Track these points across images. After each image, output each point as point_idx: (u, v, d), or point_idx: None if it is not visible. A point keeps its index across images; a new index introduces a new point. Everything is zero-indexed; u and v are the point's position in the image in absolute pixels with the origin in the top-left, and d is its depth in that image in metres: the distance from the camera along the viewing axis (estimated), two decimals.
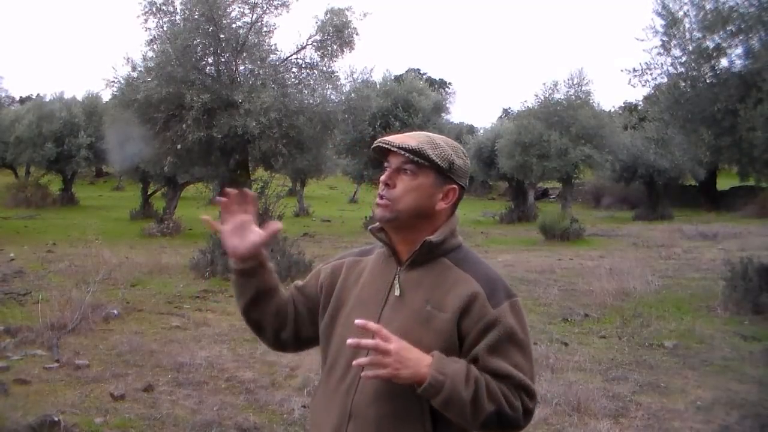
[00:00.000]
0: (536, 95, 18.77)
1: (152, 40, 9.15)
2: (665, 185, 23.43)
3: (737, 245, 12.99)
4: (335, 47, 9.62)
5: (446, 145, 1.47)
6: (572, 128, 17.00)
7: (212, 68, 9.53)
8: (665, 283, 9.09)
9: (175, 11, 9.14)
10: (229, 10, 9.20)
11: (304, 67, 9.85)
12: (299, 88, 9.75)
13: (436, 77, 46.44)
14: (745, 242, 13.56)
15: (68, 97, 23.76)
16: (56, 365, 4.87)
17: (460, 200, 1.51)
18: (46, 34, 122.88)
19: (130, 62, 9.20)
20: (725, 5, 6.65)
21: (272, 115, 8.60)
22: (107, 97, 18.11)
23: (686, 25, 7.05)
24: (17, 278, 8.65)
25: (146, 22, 9.05)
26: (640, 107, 28.67)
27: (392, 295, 1.46)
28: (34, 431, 3.51)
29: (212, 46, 9.26)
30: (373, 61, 58.47)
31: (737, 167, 7.81)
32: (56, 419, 3.62)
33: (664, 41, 7.23)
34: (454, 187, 1.49)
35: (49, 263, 10.12)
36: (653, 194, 23.62)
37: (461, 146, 1.53)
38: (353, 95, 10.71)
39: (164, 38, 9.02)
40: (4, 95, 27.91)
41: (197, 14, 8.92)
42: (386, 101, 16.63)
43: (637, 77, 7.60)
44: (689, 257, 12.22)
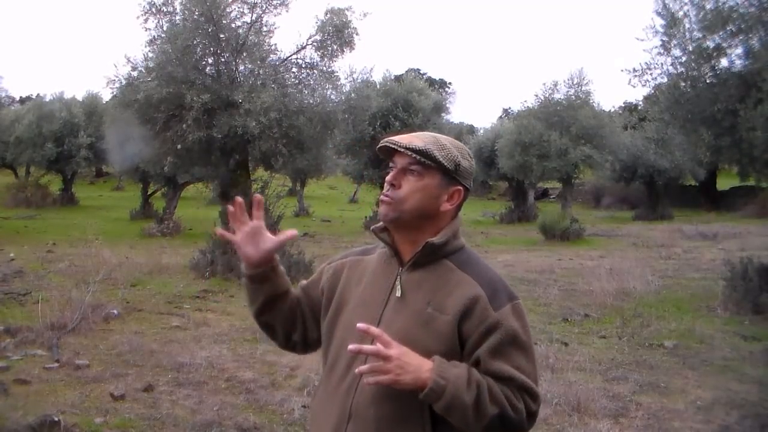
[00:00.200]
0: (536, 95, 18.78)
1: (152, 40, 9.14)
2: (665, 185, 23.43)
3: (737, 245, 12.99)
4: (335, 47, 9.61)
5: (452, 146, 1.47)
6: (572, 128, 17.00)
7: (212, 68, 9.52)
8: (665, 283, 9.09)
9: (174, 11, 9.14)
10: (228, 10, 9.19)
11: (304, 67, 9.85)
12: (299, 88, 9.74)
13: (436, 77, 46.49)
14: (745, 242, 13.56)
15: (68, 97, 23.77)
16: (56, 365, 4.87)
17: (464, 202, 1.51)
18: (46, 34, 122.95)
19: (130, 62, 9.21)
20: (725, 5, 6.64)
21: (272, 115, 8.59)
22: (107, 97, 18.18)
23: (686, 25, 7.05)
24: (17, 278, 8.64)
25: (146, 22, 9.05)
26: (640, 107, 28.69)
27: (393, 296, 1.46)
28: (34, 431, 3.51)
29: (212, 46, 9.26)
30: (373, 61, 58.40)
31: (737, 167, 7.81)
32: (56, 419, 3.63)
33: (664, 41, 7.23)
34: (459, 188, 1.49)
35: (49, 263, 10.12)
36: (653, 194, 23.62)
37: (466, 147, 1.53)
38: (353, 95, 10.70)
39: (164, 38, 9.01)
40: (4, 95, 27.90)
41: (197, 14, 8.91)
42: (386, 101, 16.63)
43: (637, 77, 7.60)
44: (689, 257, 12.21)
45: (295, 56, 9.78)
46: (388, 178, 1.46)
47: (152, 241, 14.63)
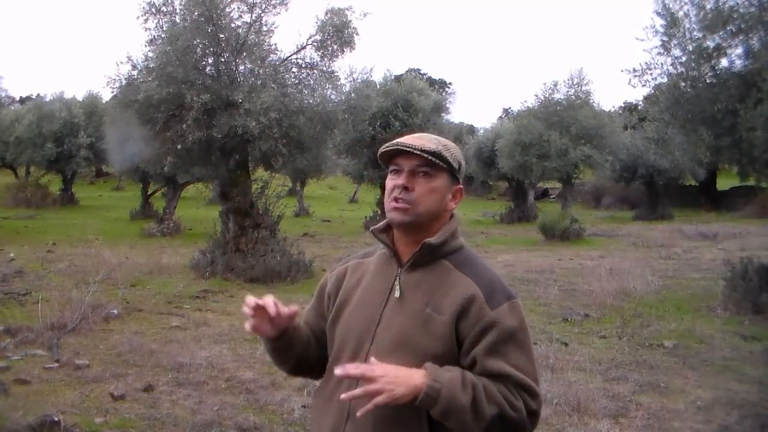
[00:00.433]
0: (536, 95, 18.80)
1: (152, 40, 9.14)
2: (665, 185, 23.43)
3: (737, 245, 12.99)
4: (335, 47, 9.61)
5: (452, 146, 1.50)
6: (572, 128, 16.99)
7: (212, 68, 9.51)
8: (665, 283, 9.09)
9: (174, 12, 9.14)
10: (228, 10, 9.19)
11: (304, 67, 9.85)
12: (299, 88, 9.74)
13: (436, 77, 46.47)
14: (745, 242, 13.56)
15: (68, 97, 23.77)
16: (56, 365, 4.87)
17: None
18: (46, 34, 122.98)
19: (130, 62, 9.21)
20: (725, 5, 6.64)
21: (272, 115, 8.59)
22: (107, 97, 18.18)
23: (686, 25, 7.05)
24: (17, 278, 8.65)
25: (146, 22, 9.05)
26: (640, 107, 28.67)
27: (393, 296, 1.46)
28: (34, 431, 3.51)
29: (212, 46, 9.26)
30: (373, 61, 58.45)
31: (737, 167, 7.80)
32: (56, 419, 3.62)
33: (664, 41, 7.22)
34: (460, 187, 1.52)
35: (49, 263, 10.12)
36: (653, 194, 23.63)
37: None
38: (353, 95, 10.69)
39: (164, 39, 9.01)
40: (4, 95, 27.84)
41: (196, 14, 8.91)
42: (386, 101, 16.61)
43: (637, 77, 7.60)
44: (689, 257, 12.21)
45: (295, 56, 9.78)
46: (400, 181, 1.44)
47: (152, 241, 14.63)
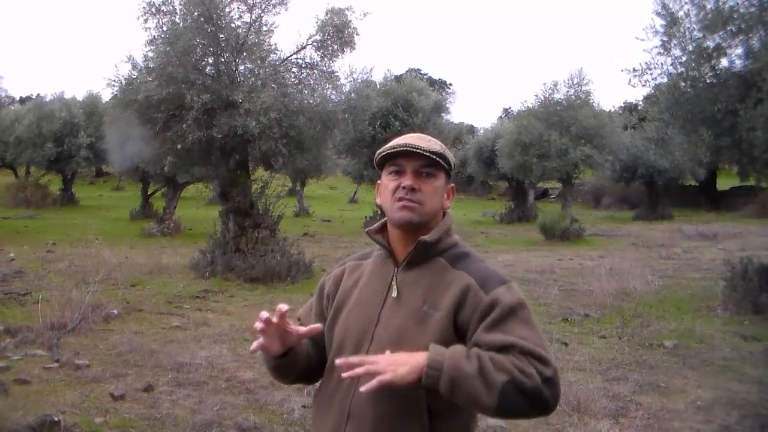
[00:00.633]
0: (536, 95, 18.81)
1: (152, 40, 9.14)
2: (665, 185, 23.43)
3: (737, 245, 12.99)
4: (335, 47, 9.61)
5: (445, 145, 1.53)
6: (572, 128, 17.00)
7: (212, 68, 9.52)
8: (665, 283, 9.09)
9: (174, 12, 9.14)
10: (227, 10, 9.19)
11: (304, 66, 9.85)
12: (299, 88, 9.74)
13: (436, 77, 46.48)
14: (745, 242, 13.56)
15: (68, 97, 23.79)
16: (56, 365, 4.87)
17: None
18: (46, 34, 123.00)
19: (130, 61, 9.21)
20: (725, 5, 6.64)
21: (272, 115, 8.59)
22: (107, 97, 18.13)
23: (686, 25, 7.05)
24: (17, 278, 8.64)
25: (146, 22, 9.05)
26: (640, 107, 28.67)
27: (390, 296, 1.47)
28: (34, 431, 3.51)
29: (212, 46, 9.26)
30: (373, 61, 58.57)
31: (737, 167, 7.80)
32: (56, 419, 3.62)
33: (664, 41, 7.22)
34: (453, 185, 1.55)
35: (49, 263, 10.12)
36: (653, 194, 23.63)
37: None
38: (353, 95, 10.70)
39: (164, 39, 9.01)
40: (4, 95, 27.89)
41: (196, 14, 8.91)
42: (386, 101, 16.61)
43: (637, 77, 7.60)
44: (689, 257, 12.21)
45: (295, 56, 9.79)
46: (407, 182, 1.45)
47: (152, 241, 14.63)
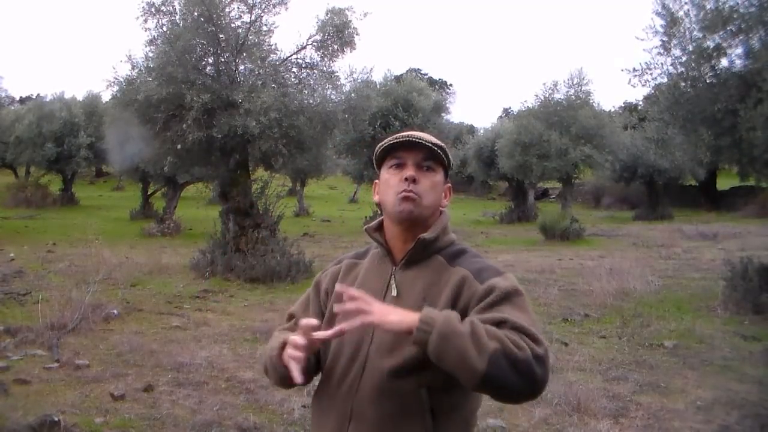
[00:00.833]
0: (536, 95, 18.84)
1: (152, 40, 9.15)
2: (665, 185, 23.44)
3: (737, 245, 12.99)
4: (335, 47, 9.61)
5: (444, 145, 1.52)
6: (572, 128, 17.00)
7: (212, 68, 9.52)
8: (665, 283, 9.08)
9: (174, 12, 9.14)
10: (227, 10, 9.19)
11: (304, 66, 9.85)
12: (299, 88, 9.74)
13: (436, 77, 46.52)
14: (745, 242, 13.56)
15: (68, 97, 23.77)
16: (56, 365, 4.87)
17: None
18: (46, 34, 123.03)
19: (130, 61, 9.21)
20: (725, 5, 6.64)
21: (272, 115, 8.59)
22: (107, 97, 18.11)
23: (686, 25, 7.05)
24: (17, 278, 8.64)
25: (145, 22, 9.06)
26: (640, 107, 28.65)
27: (389, 295, 1.46)
28: (34, 431, 3.51)
29: (212, 46, 9.26)
30: (373, 61, 58.55)
31: (737, 167, 7.80)
32: (56, 419, 3.62)
33: (664, 41, 7.22)
34: (450, 185, 1.55)
35: (49, 263, 10.12)
36: (653, 194, 23.63)
37: None
38: (353, 95, 10.69)
39: (164, 39, 9.01)
40: (4, 95, 27.93)
41: (196, 14, 8.91)
42: (386, 101, 16.62)
43: (637, 77, 7.60)
44: (689, 257, 12.21)
45: (295, 56, 9.79)
46: (408, 174, 1.44)
47: (152, 241, 14.63)
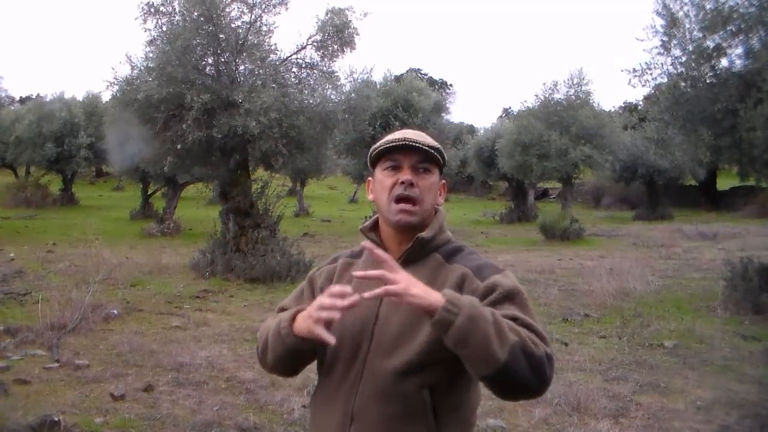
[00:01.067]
0: (536, 95, 18.84)
1: (152, 40, 9.14)
2: (665, 185, 23.45)
3: (737, 245, 12.99)
4: (335, 47, 9.61)
5: (443, 145, 1.50)
6: (572, 128, 17.01)
7: (212, 68, 9.52)
8: (665, 283, 9.08)
9: (173, 12, 9.13)
10: (228, 10, 9.19)
11: (304, 67, 9.85)
12: (299, 88, 9.74)
13: (436, 77, 46.51)
14: (745, 242, 13.57)
15: (68, 97, 23.78)
16: (56, 365, 4.87)
17: None
18: (46, 34, 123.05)
19: (130, 61, 9.21)
20: (725, 5, 6.64)
21: (272, 115, 8.59)
22: (107, 97, 18.11)
23: (686, 25, 7.05)
24: (17, 278, 8.65)
25: (145, 23, 9.06)
26: (640, 107, 28.68)
27: None
28: (34, 431, 3.51)
29: (212, 46, 9.26)
30: (373, 61, 58.50)
31: (737, 167, 7.81)
32: (56, 419, 3.62)
33: (664, 41, 7.23)
34: (444, 181, 1.54)
35: (49, 263, 10.12)
36: (653, 194, 23.63)
37: None
38: (353, 95, 10.69)
39: (164, 39, 9.01)
40: (4, 95, 27.96)
41: (195, 15, 8.91)
42: (386, 101, 16.62)
43: (637, 77, 7.61)
44: (689, 257, 12.21)
45: (295, 56, 9.79)
46: (405, 177, 1.43)
47: (152, 241, 14.63)
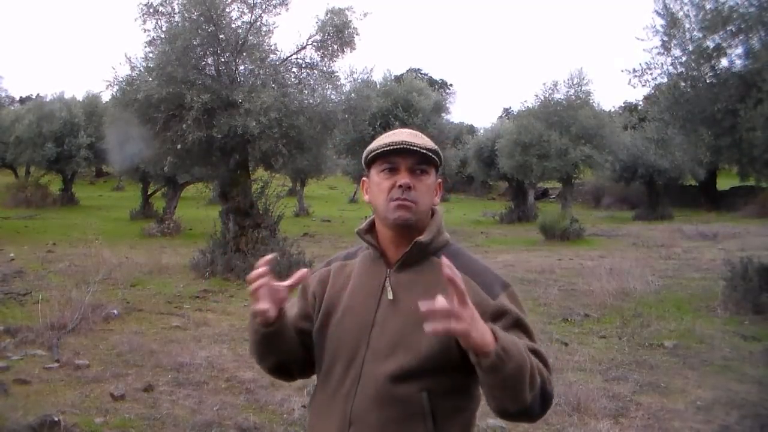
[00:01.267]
0: (536, 95, 18.83)
1: (152, 40, 9.14)
2: (665, 185, 23.45)
3: (737, 245, 12.99)
4: (335, 47, 9.62)
5: (443, 145, 1.49)
6: (572, 128, 17.01)
7: (212, 68, 9.52)
8: (665, 283, 9.08)
9: (173, 12, 9.13)
10: (228, 10, 9.19)
11: (304, 67, 9.86)
12: (299, 88, 9.74)
13: (436, 77, 46.52)
14: (745, 242, 13.57)
15: (68, 97, 23.79)
16: (56, 365, 4.87)
17: None
18: (46, 34, 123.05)
19: (129, 62, 9.21)
20: (725, 5, 6.64)
21: (272, 115, 8.59)
22: (107, 97, 18.12)
23: (686, 25, 7.05)
24: (17, 278, 8.65)
25: (144, 23, 9.06)
26: (640, 107, 28.68)
27: (384, 298, 1.43)
28: (34, 431, 3.51)
29: (212, 46, 9.26)
30: (373, 61, 58.50)
31: (737, 167, 7.81)
32: (56, 419, 3.62)
33: (664, 41, 7.23)
34: (440, 180, 1.52)
35: (49, 263, 10.12)
36: (653, 194, 23.64)
37: None
38: (353, 95, 10.69)
39: (164, 39, 9.01)
40: (4, 95, 27.97)
41: (196, 15, 8.91)
42: (386, 101, 16.63)
43: (637, 77, 7.61)
44: (689, 257, 12.21)
45: (295, 56, 9.79)
46: (404, 180, 1.41)
47: (152, 241, 14.63)
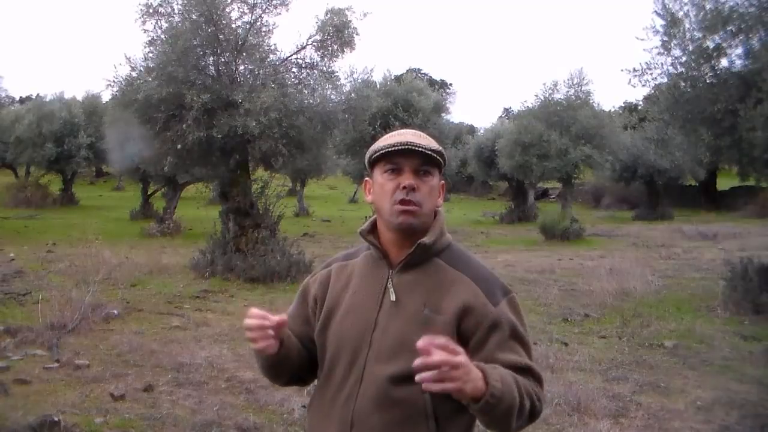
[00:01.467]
0: (536, 95, 18.80)
1: (152, 41, 9.14)
2: (665, 185, 23.45)
3: (737, 245, 12.99)
4: (335, 47, 9.61)
5: (443, 145, 1.49)
6: (572, 128, 17.00)
7: (212, 68, 9.52)
8: (665, 283, 9.09)
9: (173, 12, 9.13)
10: (228, 10, 9.19)
11: (304, 67, 9.85)
12: (299, 88, 9.74)
13: (436, 77, 46.54)
14: (745, 242, 13.57)
15: (68, 97, 23.86)
16: (56, 365, 4.87)
17: None
18: (46, 34, 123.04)
19: (130, 62, 9.21)
20: (725, 5, 6.65)
21: (272, 115, 8.59)
22: (107, 97, 18.16)
23: (686, 25, 7.06)
24: (17, 278, 8.65)
25: (144, 24, 9.05)
26: (640, 107, 28.66)
27: (387, 299, 1.42)
28: (34, 431, 3.51)
29: (212, 46, 9.26)
30: (373, 61, 58.53)
31: (737, 167, 7.82)
32: (56, 419, 3.62)
33: (664, 41, 7.23)
34: (443, 181, 1.51)
35: (49, 263, 10.12)
36: (653, 194, 23.64)
37: None
38: (353, 95, 10.68)
39: (164, 39, 9.01)
40: (4, 95, 27.96)
41: (196, 15, 8.91)
42: (386, 101, 16.60)
43: (637, 77, 7.61)
44: (689, 257, 12.21)
45: (295, 56, 9.79)
46: (408, 181, 1.40)
47: (152, 241, 14.62)
